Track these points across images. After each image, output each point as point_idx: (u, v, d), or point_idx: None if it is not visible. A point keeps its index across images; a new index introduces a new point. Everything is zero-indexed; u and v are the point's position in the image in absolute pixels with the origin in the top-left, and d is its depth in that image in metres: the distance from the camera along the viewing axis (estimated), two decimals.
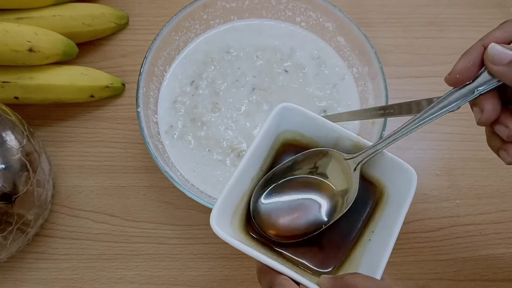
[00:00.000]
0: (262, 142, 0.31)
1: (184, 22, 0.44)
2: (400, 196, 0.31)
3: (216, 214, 0.28)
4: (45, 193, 0.39)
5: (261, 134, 0.31)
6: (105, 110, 0.48)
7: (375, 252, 0.30)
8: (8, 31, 0.39)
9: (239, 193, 0.31)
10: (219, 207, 0.29)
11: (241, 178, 0.30)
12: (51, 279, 0.42)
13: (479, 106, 0.28)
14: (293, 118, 0.32)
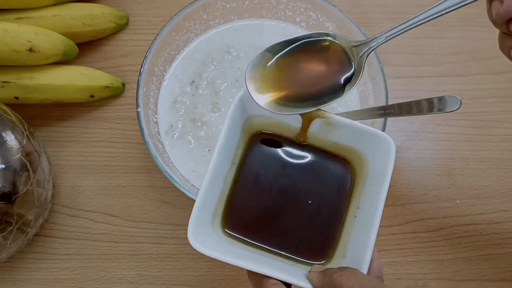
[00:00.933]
0: (227, 138, 0.30)
1: (184, 22, 0.44)
2: (380, 166, 0.30)
3: (193, 226, 0.27)
4: (45, 193, 0.39)
5: (225, 130, 0.30)
6: (105, 110, 0.48)
7: (362, 229, 0.29)
8: (8, 31, 0.39)
9: (215, 195, 0.30)
10: (195, 219, 0.28)
11: (213, 181, 0.30)
12: (51, 279, 0.42)
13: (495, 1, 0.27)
14: (254, 106, 0.31)
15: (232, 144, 0.32)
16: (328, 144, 0.33)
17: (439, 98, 0.35)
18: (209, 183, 0.29)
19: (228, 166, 0.32)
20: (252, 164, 0.32)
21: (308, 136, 0.33)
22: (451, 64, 0.50)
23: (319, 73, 0.33)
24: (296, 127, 0.33)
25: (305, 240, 0.31)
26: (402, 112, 0.38)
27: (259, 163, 0.33)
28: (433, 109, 0.36)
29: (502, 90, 0.49)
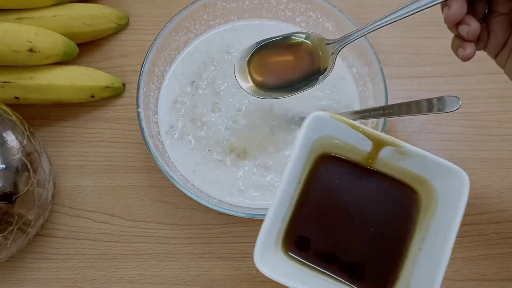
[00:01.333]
0: (298, 159, 0.30)
1: (184, 22, 0.44)
2: (451, 200, 0.29)
3: (259, 250, 0.28)
4: (46, 193, 0.39)
5: (296, 150, 0.30)
6: (105, 110, 0.48)
7: (429, 262, 0.29)
8: (8, 31, 0.39)
9: (280, 217, 0.31)
10: (262, 242, 0.28)
11: (281, 203, 0.30)
12: (51, 279, 0.42)
13: (448, 4, 0.32)
14: (326, 126, 0.31)
15: (300, 165, 0.32)
16: (396, 171, 0.33)
17: (438, 98, 0.35)
18: (278, 205, 0.29)
19: (294, 187, 0.32)
20: (316, 186, 0.32)
21: (376, 162, 0.33)
22: (451, 64, 0.50)
23: (294, 65, 0.39)
24: (366, 151, 0.32)
25: (367, 267, 0.31)
26: (402, 112, 0.38)
27: (324, 186, 0.32)
28: (433, 109, 0.37)
29: (501, 90, 0.49)
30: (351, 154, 0.33)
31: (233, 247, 0.43)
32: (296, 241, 0.31)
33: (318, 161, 0.33)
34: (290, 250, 0.31)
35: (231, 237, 0.44)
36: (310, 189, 0.32)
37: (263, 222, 0.29)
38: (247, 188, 0.41)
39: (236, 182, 0.42)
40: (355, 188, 0.33)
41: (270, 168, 0.42)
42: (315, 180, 0.32)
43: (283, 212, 0.31)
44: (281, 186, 0.29)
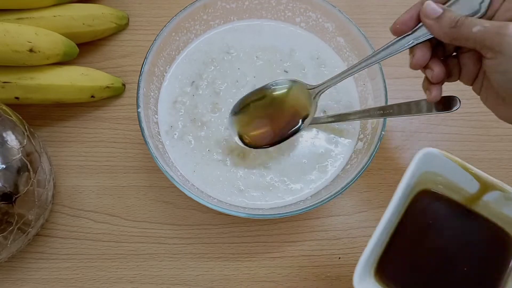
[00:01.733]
0: (404, 192, 0.31)
1: (184, 22, 0.44)
2: None
3: (358, 276, 0.29)
4: (46, 193, 0.39)
5: (403, 183, 0.31)
6: (105, 110, 0.48)
7: None
8: (8, 31, 0.39)
9: (378, 246, 0.31)
10: (361, 269, 0.29)
11: (382, 233, 0.31)
12: (51, 278, 0.42)
13: (412, 53, 0.34)
14: (435, 163, 0.32)
15: (404, 197, 0.32)
16: (496, 216, 0.33)
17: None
18: (379, 234, 0.30)
19: (394, 218, 0.32)
20: (413, 220, 0.32)
21: (478, 204, 0.33)
22: None
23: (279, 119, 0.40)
24: (469, 192, 0.33)
25: None
26: (402, 112, 0.38)
27: (421, 220, 0.33)
28: (433, 109, 0.37)
29: None
30: (452, 193, 0.34)
31: (233, 247, 0.43)
32: (389, 270, 0.32)
33: (418, 196, 0.34)
34: (383, 278, 0.32)
35: (231, 237, 0.44)
36: (406, 222, 0.32)
37: (366, 247, 0.30)
38: (247, 188, 0.41)
39: (236, 182, 0.42)
40: (451, 226, 0.33)
41: (270, 168, 0.42)
42: (412, 213, 0.33)
43: (381, 241, 0.32)
44: (386, 216, 0.30)
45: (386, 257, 0.32)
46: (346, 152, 0.43)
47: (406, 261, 0.33)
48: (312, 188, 0.42)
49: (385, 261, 0.32)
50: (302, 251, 0.43)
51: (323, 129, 0.43)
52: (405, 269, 0.33)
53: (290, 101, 0.40)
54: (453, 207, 0.34)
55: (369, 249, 0.30)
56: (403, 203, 0.33)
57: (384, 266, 0.32)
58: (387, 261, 0.32)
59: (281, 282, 0.42)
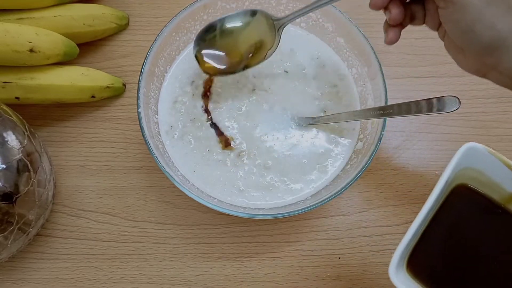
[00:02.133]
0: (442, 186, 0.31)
1: (184, 22, 0.44)
2: None
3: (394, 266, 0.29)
4: (46, 193, 0.39)
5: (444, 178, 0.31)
6: (105, 110, 0.48)
7: None
8: (9, 32, 0.39)
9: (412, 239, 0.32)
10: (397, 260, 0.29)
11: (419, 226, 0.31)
12: (52, 278, 0.42)
13: None
14: (478, 159, 0.32)
15: (442, 191, 0.32)
16: None
17: (438, 99, 0.35)
18: (417, 227, 0.30)
19: (430, 211, 0.32)
20: (448, 214, 0.33)
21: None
22: (450, 65, 0.50)
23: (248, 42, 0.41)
24: (508, 190, 0.32)
25: None
26: (402, 112, 0.38)
27: (455, 214, 0.33)
28: (432, 109, 0.37)
29: (500, 91, 0.49)
30: (489, 190, 0.34)
31: (233, 247, 0.43)
32: (420, 263, 0.32)
33: (454, 190, 0.34)
34: (413, 270, 0.32)
35: (231, 237, 0.44)
36: (441, 215, 0.32)
37: (403, 239, 0.30)
38: (247, 188, 0.41)
39: (236, 182, 0.42)
40: (485, 224, 0.33)
41: (270, 168, 0.42)
42: (447, 208, 0.33)
43: (416, 233, 0.32)
44: (425, 209, 0.30)
45: (418, 249, 0.32)
46: (346, 152, 0.43)
47: (438, 255, 0.33)
48: (312, 188, 0.42)
49: (417, 253, 0.32)
50: (302, 251, 0.43)
51: (323, 129, 0.44)
52: (436, 262, 0.33)
53: (253, 31, 0.41)
54: (488, 204, 0.33)
55: (406, 241, 0.30)
56: (441, 197, 0.33)
57: (415, 259, 0.32)
58: (419, 253, 0.32)
59: (281, 282, 0.42)
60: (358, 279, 0.43)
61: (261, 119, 0.44)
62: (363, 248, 0.44)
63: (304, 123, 0.43)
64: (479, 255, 0.32)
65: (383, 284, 0.43)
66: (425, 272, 0.32)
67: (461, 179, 0.34)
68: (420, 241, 0.33)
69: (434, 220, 0.33)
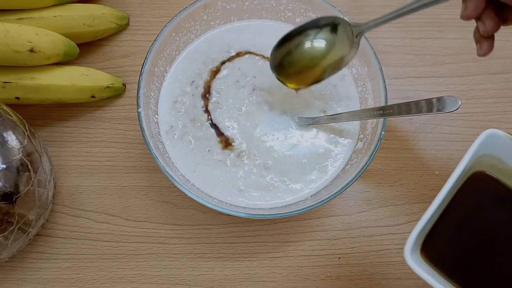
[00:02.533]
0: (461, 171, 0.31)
1: (184, 22, 0.44)
2: None
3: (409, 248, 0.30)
4: (46, 193, 0.39)
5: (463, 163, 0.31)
6: (106, 110, 0.48)
7: None
8: (9, 32, 0.39)
9: (428, 222, 0.32)
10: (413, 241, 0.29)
11: (436, 210, 0.31)
12: (52, 278, 0.42)
13: (465, 3, 0.31)
14: (498, 146, 0.32)
15: (460, 177, 0.32)
16: None
17: (438, 99, 0.35)
18: (433, 211, 0.30)
19: (447, 197, 0.33)
20: (464, 200, 0.33)
21: None
22: (450, 65, 0.50)
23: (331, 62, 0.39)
24: None
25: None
26: (402, 113, 0.38)
27: (472, 202, 0.33)
28: (432, 109, 0.37)
29: (500, 91, 0.49)
30: (508, 178, 0.33)
31: (233, 247, 0.43)
32: (434, 248, 0.32)
33: (473, 177, 0.34)
34: (427, 254, 0.32)
35: (231, 237, 0.44)
36: (457, 202, 0.32)
37: (419, 222, 0.30)
38: (247, 188, 0.41)
39: (236, 182, 0.42)
40: (502, 212, 0.33)
41: (270, 168, 0.42)
42: (464, 195, 0.33)
43: (432, 218, 0.32)
44: (441, 195, 0.30)
45: (433, 234, 0.32)
46: (346, 152, 0.43)
47: (453, 241, 0.33)
48: (312, 188, 0.42)
49: (432, 238, 0.32)
50: (302, 251, 0.43)
51: (323, 129, 0.44)
52: (451, 248, 0.33)
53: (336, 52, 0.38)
54: (506, 192, 0.33)
55: (422, 223, 0.30)
56: (458, 183, 0.33)
57: (430, 243, 0.32)
58: (434, 238, 0.32)
59: (281, 282, 0.42)
60: (358, 279, 0.43)
61: (261, 119, 0.44)
62: (363, 248, 0.44)
63: (304, 123, 0.43)
64: (495, 243, 0.32)
65: (383, 284, 0.43)
66: (439, 258, 0.32)
67: (480, 166, 0.33)
68: (435, 226, 0.33)
69: (450, 206, 0.33)
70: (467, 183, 0.33)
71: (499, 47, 0.50)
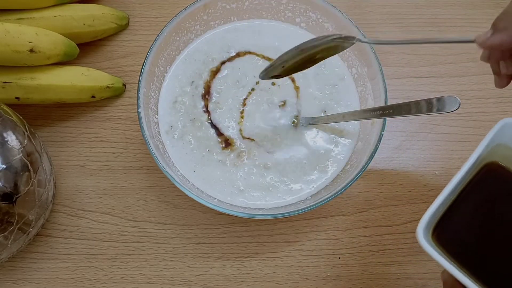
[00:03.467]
0: (476, 159, 0.31)
1: (184, 22, 0.44)
2: None
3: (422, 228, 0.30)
4: (46, 193, 0.39)
5: (478, 151, 0.31)
6: (106, 110, 0.48)
7: None
8: (9, 32, 0.39)
9: (441, 206, 0.32)
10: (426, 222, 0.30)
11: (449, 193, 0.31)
12: (52, 278, 0.42)
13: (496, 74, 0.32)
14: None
15: (473, 166, 0.32)
16: None
17: (438, 99, 0.35)
18: (445, 196, 0.30)
19: (459, 185, 0.33)
20: (476, 190, 0.33)
21: None
22: (450, 65, 0.50)
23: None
24: None
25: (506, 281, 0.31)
26: (401, 112, 0.38)
27: (484, 192, 0.33)
28: (432, 109, 0.37)
29: (500, 91, 0.49)
30: None
31: (233, 247, 0.43)
32: (445, 234, 0.32)
33: (484, 167, 0.34)
34: (438, 237, 0.32)
35: (231, 237, 0.44)
36: (469, 191, 0.33)
37: (431, 205, 0.30)
38: (247, 188, 0.41)
39: (236, 182, 0.42)
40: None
41: (270, 168, 0.42)
42: (476, 185, 0.33)
43: (445, 202, 0.32)
44: (454, 181, 0.31)
45: (444, 222, 0.32)
46: (346, 152, 0.43)
47: (464, 230, 0.33)
48: (312, 188, 0.42)
49: (442, 226, 0.32)
50: (302, 251, 0.43)
51: (323, 129, 0.44)
52: (461, 237, 0.33)
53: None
54: None
55: (435, 207, 0.30)
56: (471, 172, 0.33)
57: (441, 230, 0.32)
58: (444, 226, 0.32)
59: (281, 282, 0.42)
60: (358, 279, 0.43)
61: (261, 119, 0.44)
62: (363, 248, 0.44)
63: (304, 123, 0.43)
64: (506, 233, 0.32)
65: (383, 284, 0.43)
66: (450, 245, 0.32)
67: (493, 156, 0.33)
68: (446, 214, 0.33)
69: (462, 195, 0.33)
70: (480, 173, 0.34)
71: None
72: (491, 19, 0.55)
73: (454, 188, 0.32)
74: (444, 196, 0.31)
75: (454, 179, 0.31)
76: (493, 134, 0.32)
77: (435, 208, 0.31)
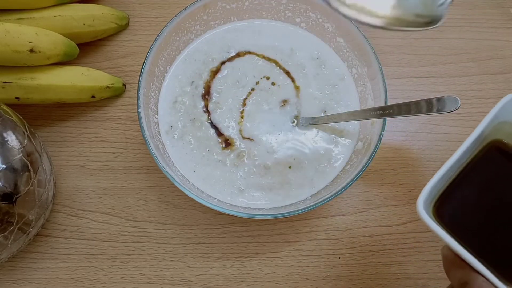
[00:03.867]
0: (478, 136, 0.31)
1: (184, 22, 0.44)
2: None
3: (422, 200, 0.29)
4: (46, 193, 0.39)
5: (481, 126, 0.30)
6: (106, 110, 0.48)
7: None
8: (9, 32, 0.39)
9: (443, 181, 0.31)
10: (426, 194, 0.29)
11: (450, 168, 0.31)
12: (52, 278, 0.42)
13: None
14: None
15: (476, 141, 0.32)
16: None
17: (438, 99, 0.35)
18: (446, 170, 0.30)
19: (463, 159, 0.32)
20: (479, 168, 0.32)
21: None
22: (450, 65, 0.50)
23: None
24: None
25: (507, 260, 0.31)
26: (401, 113, 0.38)
27: (487, 170, 0.32)
28: (432, 109, 0.37)
29: (500, 91, 0.49)
30: None
31: (233, 247, 0.43)
32: (445, 210, 0.32)
33: (488, 145, 0.33)
34: (439, 214, 0.32)
35: (231, 237, 0.44)
36: (472, 168, 0.32)
37: (432, 179, 0.30)
38: (247, 188, 0.41)
39: (236, 182, 0.42)
40: None
41: (270, 168, 0.42)
42: (479, 161, 0.32)
43: (446, 178, 0.31)
44: (456, 156, 0.30)
45: (445, 197, 0.32)
46: (346, 152, 0.43)
47: (464, 206, 0.32)
48: (312, 188, 0.42)
49: (443, 200, 0.32)
50: (302, 251, 0.43)
51: (323, 129, 0.44)
52: (463, 213, 0.32)
53: None
54: None
55: (436, 179, 0.30)
56: (473, 149, 0.32)
57: (442, 205, 0.32)
58: (445, 201, 0.32)
59: (281, 282, 0.42)
60: (358, 279, 0.43)
61: (261, 119, 0.44)
62: (363, 248, 0.44)
63: (304, 123, 0.43)
64: (508, 211, 0.32)
65: (383, 284, 0.43)
66: (450, 221, 0.32)
67: (497, 134, 0.33)
68: (448, 190, 0.32)
69: (465, 171, 0.33)
70: (484, 150, 0.33)
71: (499, 47, 0.51)
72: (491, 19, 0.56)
73: (456, 163, 0.31)
74: (446, 168, 0.30)
75: (456, 153, 0.30)
76: (497, 109, 0.31)
77: (436, 180, 0.30)
